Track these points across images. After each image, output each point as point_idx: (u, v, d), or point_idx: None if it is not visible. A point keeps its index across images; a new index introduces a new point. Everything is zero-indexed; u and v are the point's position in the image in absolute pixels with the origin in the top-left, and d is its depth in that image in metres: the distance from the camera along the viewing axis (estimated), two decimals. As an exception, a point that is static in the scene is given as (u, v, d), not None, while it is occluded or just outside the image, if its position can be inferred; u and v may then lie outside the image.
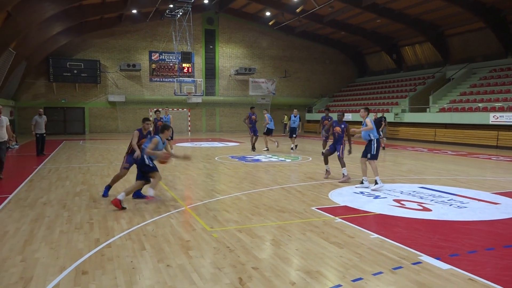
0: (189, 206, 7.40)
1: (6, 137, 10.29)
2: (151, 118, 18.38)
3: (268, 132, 17.58)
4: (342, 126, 10.45)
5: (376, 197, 8.04)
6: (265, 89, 36.35)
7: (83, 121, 31.52)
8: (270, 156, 15.80)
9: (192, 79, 33.02)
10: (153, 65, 33.02)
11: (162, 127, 7.37)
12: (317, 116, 34.71)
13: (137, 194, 7.92)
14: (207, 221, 6.33)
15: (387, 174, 11.29)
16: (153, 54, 32.88)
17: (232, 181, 10.04)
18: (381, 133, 16.83)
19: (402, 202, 7.58)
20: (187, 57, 30.18)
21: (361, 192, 8.47)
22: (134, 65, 30.96)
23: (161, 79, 33.32)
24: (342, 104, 33.97)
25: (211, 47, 34.84)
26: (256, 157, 15.28)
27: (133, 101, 32.04)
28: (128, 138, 23.83)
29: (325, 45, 37.79)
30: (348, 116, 29.56)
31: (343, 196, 8.16)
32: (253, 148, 17.62)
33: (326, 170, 10.60)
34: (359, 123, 28.70)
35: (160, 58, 33.12)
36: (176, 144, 21.58)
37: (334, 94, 38.00)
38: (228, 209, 7.11)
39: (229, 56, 35.21)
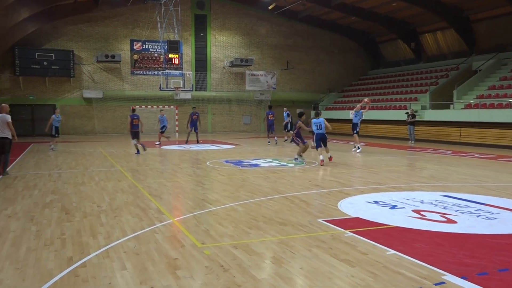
0: (177, 218, 7.39)
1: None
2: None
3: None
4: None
5: (393, 207, 8.04)
6: (264, 83, 36.40)
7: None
8: (271, 160, 15.81)
9: (180, 72, 33.07)
10: (135, 56, 33.03)
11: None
12: (325, 114, 34.75)
13: None
14: (197, 235, 6.31)
15: (405, 180, 11.30)
16: (135, 43, 32.89)
17: (226, 190, 10.03)
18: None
19: (422, 213, 7.59)
20: (174, 46, 30.18)
21: (375, 202, 8.47)
22: (113, 56, 30.97)
23: (145, 72, 33.34)
24: (352, 100, 34.03)
25: (202, 35, 34.89)
26: (254, 162, 15.28)
27: (112, 97, 32.05)
28: (106, 139, 23.83)
29: (333, 32, 37.90)
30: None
31: (354, 206, 8.16)
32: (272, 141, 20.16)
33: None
34: (374, 121, 28.73)
35: (143, 47, 33.15)
36: (162, 147, 21.59)
37: (343, 89, 38.08)
38: (222, 221, 7.10)
39: (222, 46, 35.26)
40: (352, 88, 37.55)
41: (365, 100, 20.11)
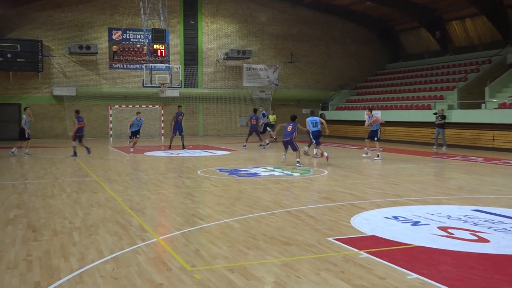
0: (163, 237, 7.37)
1: None
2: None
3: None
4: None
5: (415, 223, 8.04)
6: (264, 78, 36.46)
7: (18, 123, 31.37)
8: (272, 169, 15.81)
9: (167, 65, 33.07)
10: (114, 46, 33.08)
11: None
12: (336, 115, 34.82)
13: None
14: (186, 257, 6.30)
15: (429, 192, 11.30)
16: (114, 32, 32.96)
17: (220, 203, 10.02)
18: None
19: (450, 230, 7.58)
20: (159, 36, 30.22)
21: (395, 217, 8.46)
22: (88, 47, 31.01)
23: (125, 66, 33.38)
24: (368, 99, 34.09)
25: (192, 22, 34.97)
26: (253, 170, 15.28)
27: (86, 95, 32.06)
28: (80, 144, 23.78)
29: (345, 20, 38.02)
30: (377, 115, 29.54)
31: (370, 222, 8.15)
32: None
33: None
34: (393, 123, 28.76)
35: (124, 37, 33.21)
36: (145, 153, 21.58)
37: (357, 85, 38.16)
38: (215, 240, 7.09)
39: (216, 35, 35.33)
40: (367, 85, 37.61)
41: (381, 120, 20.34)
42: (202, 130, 35.31)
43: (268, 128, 25.69)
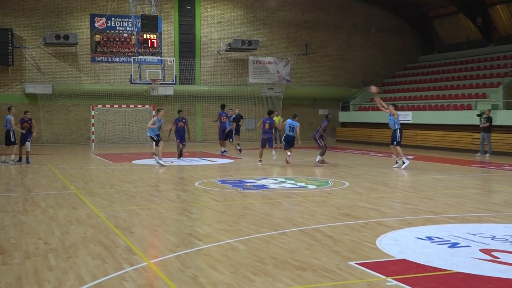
0: (154, 260, 7.37)
1: None
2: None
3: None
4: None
5: (453, 245, 8.00)
6: (274, 73, 36.50)
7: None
8: (283, 180, 15.79)
9: (159, 58, 33.14)
10: (97, 36, 33.21)
11: None
12: (358, 117, 34.75)
13: None
14: (182, 284, 6.28)
15: (470, 208, 11.25)
16: (96, 19, 33.09)
17: (222, 220, 10.01)
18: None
19: (494, 253, 7.53)
20: (150, 24, 30.31)
21: (429, 238, 8.42)
22: (66, 37, 31.11)
23: (110, 59, 33.50)
24: (396, 98, 33.99)
25: (189, 7, 35.09)
26: (261, 182, 15.26)
27: (65, 93, 32.15)
28: (57, 151, 23.88)
29: (369, 4, 38.07)
30: (407, 116, 29.55)
31: (399, 244, 8.12)
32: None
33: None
34: (426, 126, 28.68)
35: (108, 25, 33.34)
36: (133, 162, 21.61)
37: (384, 81, 38.12)
38: (216, 265, 7.08)
39: (217, 22, 35.40)
40: (395, 81, 37.54)
41: (373, 90, 20.22)
42: (200, 135, 35.34)
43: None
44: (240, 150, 25.01)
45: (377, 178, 16.38)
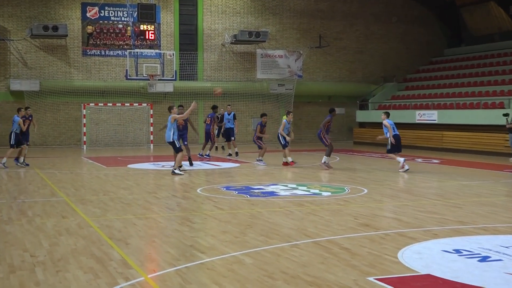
0: (152, 275, 7.37)
1: None
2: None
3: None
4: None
5: (484, 259, 7.97)
6: (284, 68, 36.48)
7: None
8: (295, 186, 15.78)
9: (157, 51, 33.18)
10: (89, 27, 33.27)
11: None
12: (378, 116, 34.64)
13: None
14: (183, 301, 6.28)
15: (502, 218, 11.22)
16: (88, 8, 33.15)
17: (227, 231, 10.01)
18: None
19: (530, 268, 7.51)
20: (148, 13, 30.36)
21: (457, 251, 8.39)
22: (55, 28, 31.14)
23: (103, 52, 33.55)
24: (420, 95, 33.92)
25: (190, -5, 35.12)
26: (270, 188, 15.26)
27: (53, 90, 32.17)
28: (45, 154, 23.95)
29: (389, -9, 38.01)
30: (433, 116, 29.47)
31: (424, 257, 8.10)
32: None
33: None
34: (452, 127, 28.61)
35: (102, 15, 33.39)
36: (128, 166, 21.64)
37: (406, 77, 38.04)
38: (220, 280, 7.08)
39: (221, 12, 35.40)
40: (419, 76, 37.43)
41: (216, 91, 21.07)
42: (202, 136, 35.25)
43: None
44: (230, 154, 25.38)
45: (398, 184, 16.35)
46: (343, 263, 7.78)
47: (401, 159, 19.18)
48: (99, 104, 32.63)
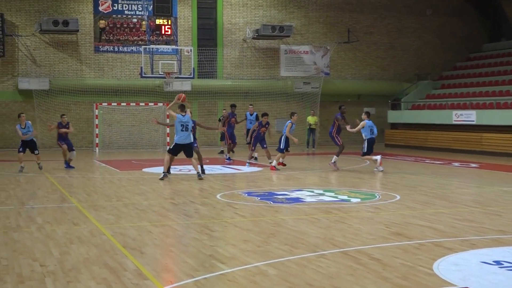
0: (169, 286, 7.38)
1: None
2: None
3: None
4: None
5: (527, 271, 7.92)
6: (310, 65, 36.45)
7: (-28, 127, 32.04)
8: (321, 192, 15.75)
9: (174, 47, 33.25)
10: (102, 22, 33.46)
11: None
12: (411, 117, 34.51)
13: None
14: (202, 315, 6.30)
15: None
16: (101, 1, 33.32)
17: (249, 240, 10.02)
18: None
19: None
20: (164, 6, 30.47)
21: (497, 263, 8.33)
22: (66, 23, 31.33)
23: (117, 48, 33.73)
24: (457, 93, 33.71)
25: (209, -13, 35.21)
26: (295, 194, 15.24)
27: (64, 88, 32.38)
28: (55, 157, 24.14)
29: (424, -18, 37.84)
30: (471, 116, 29.26)
31: (461, 269, 8.05)
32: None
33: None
34: (491, 128, 28.42)
35: (115, 9, 33.56)
36: (143, 170, 21.72)
37: (442, 75, 37.84)
38: (241, 292, 7.09)
39: (242, 5, 35.44)
40: (455, 74, 37.19)
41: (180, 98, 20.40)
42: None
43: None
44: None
45: (434, 190, 16.25)
46: (374, 275, 7.75)
47: (378, 157, 20.34)
48: (112, 104, 32.83)
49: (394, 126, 36.53)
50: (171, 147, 18.60)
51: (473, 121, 29.20)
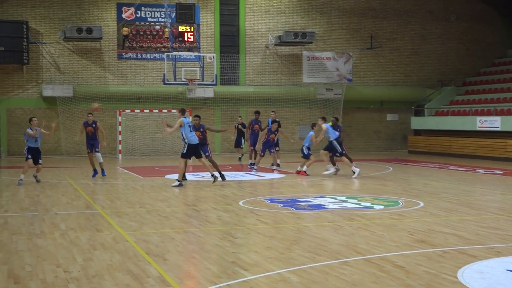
0: (191, 293, 7.41)
1: None
2: None
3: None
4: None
5: (553, 279, 7.84)
6: (332, 71, 36.39)
7: (-4, 134, 32.36)
8: (344, 198, 15.71)
9: (197, 54, 33.35)
10: (125, 29, 33.67)
11: None
12: (435, 123, 34.35)
13: None
14: (224, 322, 6.31)
15: None
16: (124, 9, 33.55)
17: (271, 247, 10.02)
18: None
19: None
20: (187, 14, 30.57)
21: (523, 270, 8.28)
22: (89, 30, 31.51)
23: (140, 55, 33.91)
24: (481, 99, 33.49)
25: (232, -6, 35.30)
26: (317, 201, 15.21)
27: (87, 95, 32.45)
28: (78, 164, 24.27)
29: (447, -13, 37.68)
30: (495, 122, 29.06)
31: (486, 277, 8.00)
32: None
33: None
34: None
35: (138, 16, 33.76)
36: (166, 176, 21.77)
37: (465, 81, 37.61)
38: (264, 299, 7.08)
39: (264, 11, 35.48)
40: (480, 80, 36.97)
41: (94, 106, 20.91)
42: (245, 144, 35.34)
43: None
44: (278, 165, 24.49)
45: (458, 197, 16.15)
46: (397, 283, 7.72)
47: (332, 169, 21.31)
48: (135, 111, 33.01)
49: (417, 133, 36.37)
50: (184, 151, 18.52)
51: (498, 127, 28.98)
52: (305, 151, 21.35)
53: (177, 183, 18.33)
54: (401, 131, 37.06)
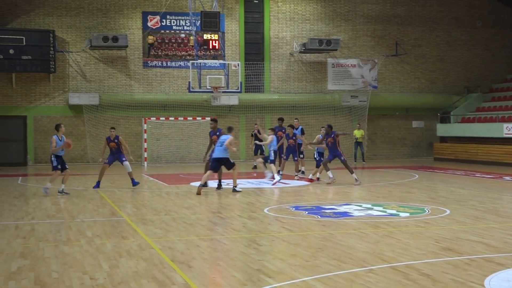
0: (217, 300, 7.42)
1: None
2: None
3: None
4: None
5: None
6: (357, 78, 36.34)
7: (23, 142, 32.61)
8: (370, 206, 15.65)
9: (221, 62, 33.42)
10: (150, 37, 33.87)
11: None
12: (461, 130, 34.14)
13: None
14: (250, 329, 6.30)
15: None
16: (149, 17, 33.77)
17: (296, 255, 10.00)
18: None
19: None
20: (211, 21, 30.65)
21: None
22: (115, 39, 31.74)
23: (165, 63, 34.09)
24: (508, 106, 33.21)
25: (256, 2, 35.38)
26: (343, 209, 15.18)
27: (113, 104, 32.79)
28: (107, 171, 24.45)
29: (473, -7, 37.48)
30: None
31: (514, 285, 7.94)
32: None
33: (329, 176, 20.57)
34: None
35: (163, 24, 33.97)
36: (191, 184, 21.82)
37: (492, 87, 37.34)
38: (289, 307, 7.07)
39: (289, 19, 35.53)
40: (506, 86, 36.64)
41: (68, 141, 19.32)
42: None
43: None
44: (302, 172, 24.65)
45: (485, 205, 16.03)
46: (424, 291, 7.67)
47: (276, 177, 21.37)
48: (161, 119, 33.11)
49: (443, 140, 36.15)
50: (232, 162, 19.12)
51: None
52: (316, 157, 22.20)
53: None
54: (427, 138, 36.87)
